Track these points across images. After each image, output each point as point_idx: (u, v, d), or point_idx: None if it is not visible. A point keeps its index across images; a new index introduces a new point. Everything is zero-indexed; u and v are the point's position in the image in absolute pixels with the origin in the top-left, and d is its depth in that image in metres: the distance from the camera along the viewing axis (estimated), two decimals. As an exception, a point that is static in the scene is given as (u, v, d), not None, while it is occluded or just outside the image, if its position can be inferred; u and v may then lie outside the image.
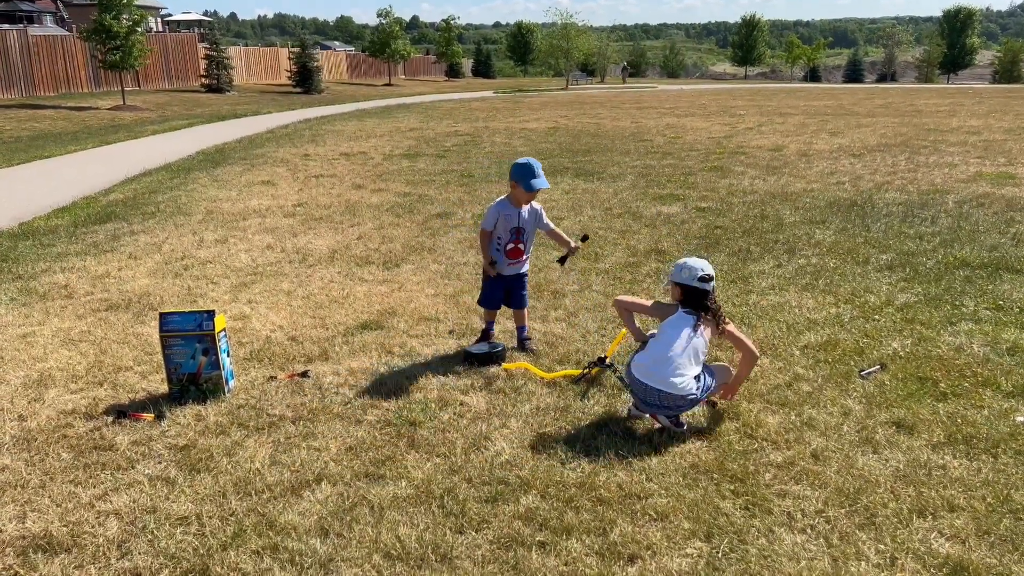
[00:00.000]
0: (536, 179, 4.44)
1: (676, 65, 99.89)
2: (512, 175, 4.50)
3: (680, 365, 3.61)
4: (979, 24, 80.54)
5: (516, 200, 4.54)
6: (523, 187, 4.45)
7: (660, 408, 3.62)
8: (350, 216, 8.70)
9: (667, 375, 3.57)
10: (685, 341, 3.66)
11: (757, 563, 2.71)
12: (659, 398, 3.58)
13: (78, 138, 17.75)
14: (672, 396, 3.57)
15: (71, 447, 3.57)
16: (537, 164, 4.49)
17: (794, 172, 11.54)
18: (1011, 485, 3.16)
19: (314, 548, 2.80)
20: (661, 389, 3.56)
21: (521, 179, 4.45)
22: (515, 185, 4.49)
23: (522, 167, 4.47)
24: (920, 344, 4.68)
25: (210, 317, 4.00)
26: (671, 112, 24.99)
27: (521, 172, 4.46)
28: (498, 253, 4.61)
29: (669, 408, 3.62)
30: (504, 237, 4.57)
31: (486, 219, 4.57)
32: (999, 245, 6.99)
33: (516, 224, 4.56)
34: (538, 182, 4.44)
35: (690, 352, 3.65)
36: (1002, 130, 17.25)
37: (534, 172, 4.44)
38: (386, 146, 15.64)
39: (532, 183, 4.43)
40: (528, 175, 4.44)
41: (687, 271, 3.80)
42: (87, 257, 7.02)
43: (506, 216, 4.53)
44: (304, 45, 39.75)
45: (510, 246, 4.59)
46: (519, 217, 4.55)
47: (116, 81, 27.04)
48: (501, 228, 4.56)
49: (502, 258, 4.61)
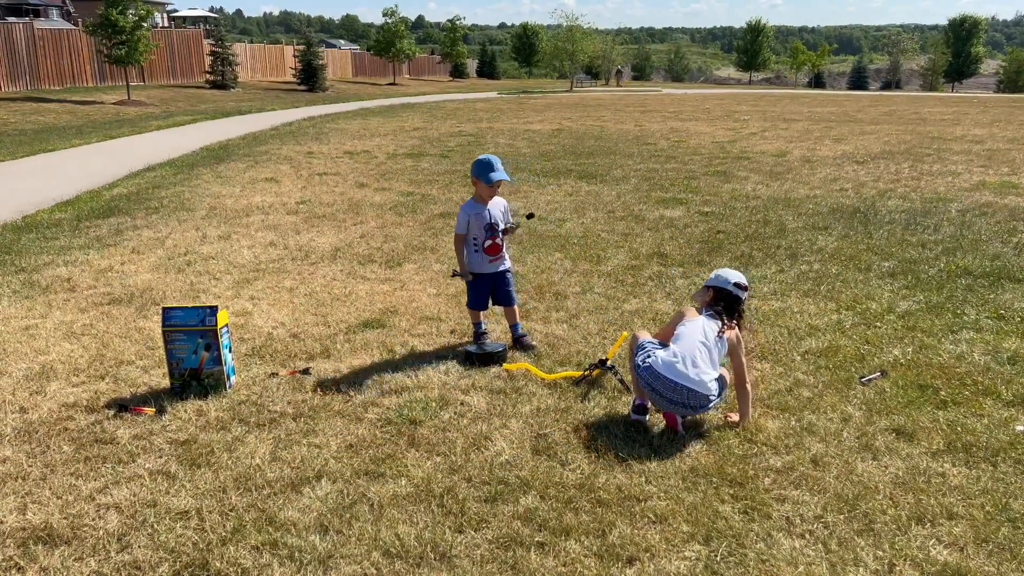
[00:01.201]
0: (494, 172, 4.57)
1: (681, 69, 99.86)
2: (472, 172, 4.64)
3: (708, 364, 3.64)
4: (984, 33, 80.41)
5: (480, 197, 4.66)
6: (483, 181, 4.58)
7: (679, 406, 3.62)
8: (353, 214, 8.71)
9: (693, 372, 3.59)
10: (712, 343, 3.68)
11: (755, 567, 2.71)
12: (685, 395, 3.57)
13: (82, 132, 17.77)
14: (696, 394, 3.58)
15: (72, 440, 3.57)
16: (496, 159, 4.62)
17: (797, 178, 11.54)
18: (1010, 494, 3.16)
19: (313, 545, 2.81)
20: (688, 386, 3.56)
21: (480, 174, 4.58)
22: (476, 181, 4.63)
23: (480, 163, 4.61)
24: (921, 352, 4.68)
25: (212, 313, 4.01)
26: (675, 116, 25.00)
27: (480, 168, 4.59)
28: (476, 253, 4.68)
29: (688, 407, 3.62)
30: (479, 236, 4.65)
31: (458, 224, 4.66)
32: (1001, 254, 7.00)
33: (488, 221, 4.65)
34: (496, 175, 4.57)
35: (715, 354, 3.68)
36: (1006, 139, 17.25)
37: (492, 166, 4.57)
38: (390, 145, 15.65)
39: (491, 176, 4.56)
40: (487, 169, 4.57)
41: (724, 278, 3.85)
42: (90, 251, 7.03)
43: (476, 215, 4.62)
44: (309, 43, 39.82)
45: (488, 243, 4.66)
46: (489, 214, 4.65)
47: (121, 76, 27.09)
48: (475, 228, 4.64)
49: (482, 257, 4.68)
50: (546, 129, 19.65)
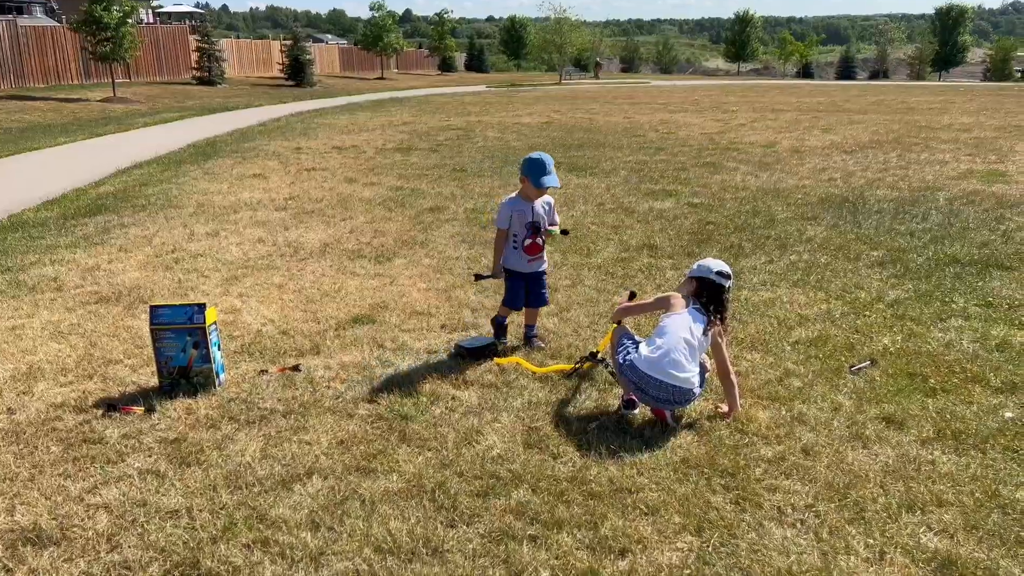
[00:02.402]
0: (547, 176, 4.38)
1: (669, 61, 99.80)
2: (523, 170, 4.45)
3: (689, 360, 3.63)
4: (971, 22, 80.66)
5: (526, 195, 4.49)
6: (532, 183, 4.40)
7: (665, 403, 3.62)
8: (342, 210, 8.68)
9: (677, 370, 3.58)
10: (693, 338, 3.67)
11: (747, 557, 2.72)
12: (671, 393, 3.58)
13: (68, 130, 17.63)
14: (681, 391, 3.58)
15: (60, 440, 3.55)
16: (549, 160, 4.42)
17: (786, 168, 11.56)
18: (999, 480, 3.18)
19: (305, 542, 2.80)
20: (673, 384, 3.57)
21: (531, 174, 4.40)
22: (525, 180, 4.45)
23: (533, 163, 4.41)
24: (910, 340, 4.70)
25: (201, 310, 3.99)
26: (664, 108, 24.99)
27: (531, 167, 4.40)
28: (515, 251, 4.55)
29: (675, 403, 3.63)
30: (520, 233, 4.51)
31: (499, 217, 4.52)
32: (989, 242, 7.03)
33: (530, 219, 4.49)
34: (548, 179, 4.38)
35: (697, 349, 3.67)
36: (993, 128, 17.33)
37: (545, 169, 4.37)
38: (378, 140, 15.59)
39: (542, 180, 4.37)
40: (539, 171, 4.37)
41: (705, 267, 3.83)
42: (77, 249, 6.98)
43: (519, 212, 4.48)
44: (296, 38, 39.57)
45: (527, 242, 4.53)
46: (532, 212, 4.49)
47: (107, 73, 26.84)
48: (516, 224, 4.50)
49: (520, 255, 4.55)
50: (535, 122, 19.61)
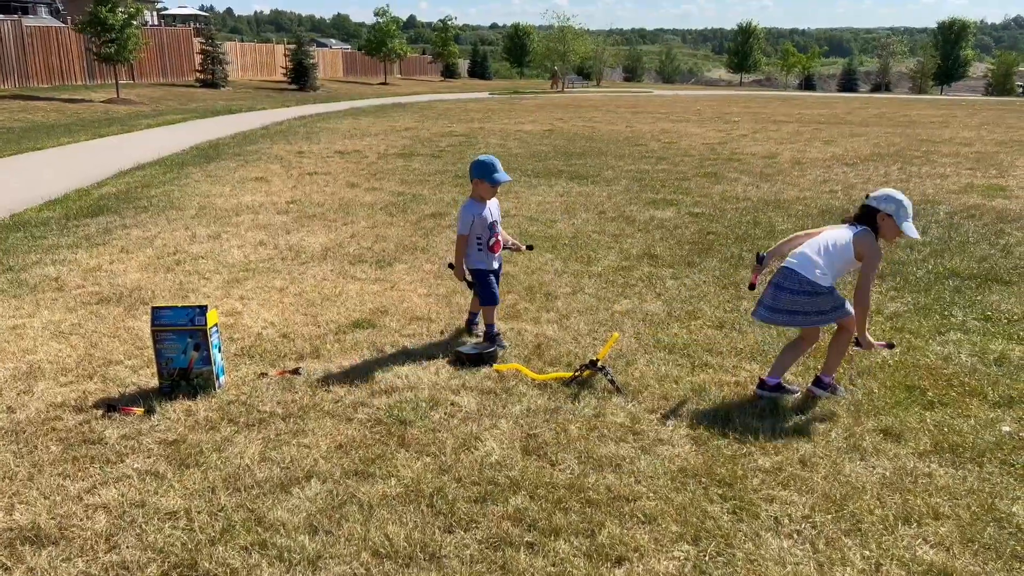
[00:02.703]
0: (498, 173, 4.67)
1: (672, 70, 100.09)
2: (474, 172, 4.69)
3: (819, 256, 3.90)
4: (973, 36, 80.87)
5: (480, 197, 4.72)
6: (488, 182, 4.65)
7: (782, 292, 3.92)
8: (344, 214, 8.70)
9: (802, 256, 3.93)
10: (836, 245, 3.93)
11: (744, 567, 2.73)
12: (784, 276, 3.91)
13: (71, 130, 17.67)
14: (796, 275, 3.88)
15: (60, 440, 3.56)
16: (495, 159, 4.71)
17: (787, 180, 11.59)
18: (996, 494, 3.19)
19: (303, 545, 2.81)
20: (789, 267, 3.90)
21: (484, 175, 4.66)
22: (479, 182, 4.70)
23: (482, 164, 4.68)
24: (909, 353, 4.71)
25: (202, 312, 4.00)
26: (666, 117, 25.05)
27: (482, 169, 4.67)
28: (481, 252, 4.74)
29: (785, 290, 3.90)
30: (484, 235, 4.73)
31: (461, 224, 4.71)
32: (988, 256, 7.05)
33: (491, 219, 4.74)
34: (500, 176, 4.67)
35: (835, 257, 3.92)
36: (994, 142, 17.37)
37: (495, 167, 4.67)
38: (381, 145, 15.63)
39: (495, 177, 4.65)
40: (490, 171, 4.66)
41: (872, 195, 4.03)
42: (78, 250, 6.99)
43: (479, 215, 4.69)
44: (300, 42, 39.74)
45: (492, 240, 4.75)
46: (490, 212, 4.74)
47: (110, 74, 26.92)
48: (478, 228, 4.71)
49: (487, 254, 4.76)
50: (537, 130, 19.66)
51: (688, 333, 5.04)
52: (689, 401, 4.02)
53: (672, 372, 4.39)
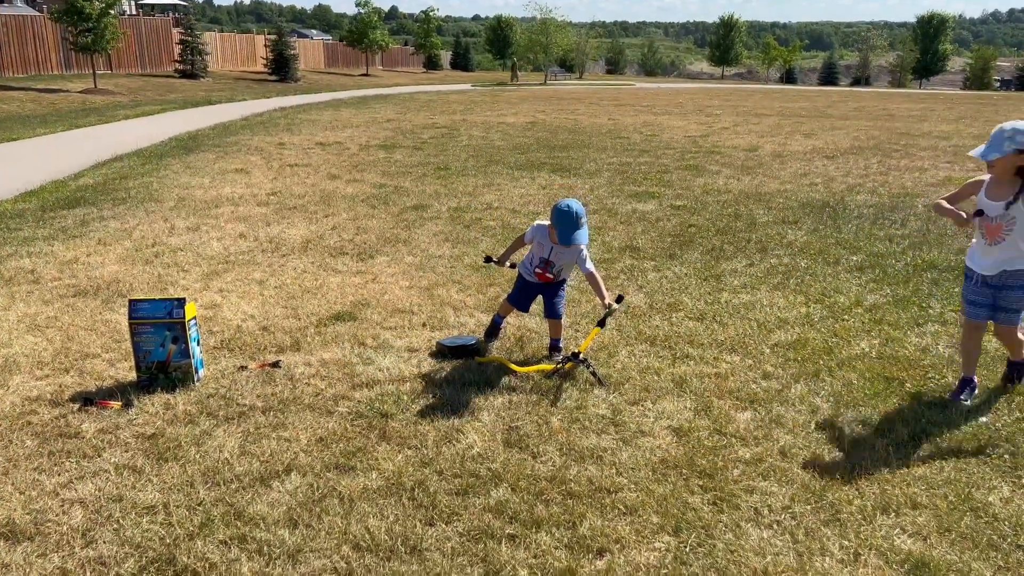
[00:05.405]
0: (575, 233, 4.18)
1: (654, 63, 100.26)
2: (552, 218, 4.27)
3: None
4: (952, 31, 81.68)
5: (551, 238, 4.36)
6: (559, 237, 4.25)
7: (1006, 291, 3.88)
8: (324, 206, 8.64)
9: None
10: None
11: (724, 557, 2.74)
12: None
13: (47, 121, 17.42)
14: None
15: (36, 434, 3.51)
16: (582, 213, 4.20)
17: (768, 172, 11.64)
18: (972, 484, 3.23)
19: (282, 539, 2.79)
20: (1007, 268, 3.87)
21: (557, 226, 4.23)
22: (552, 228, 4.30)
23: (564, 216, 4.18)
24: (887, 344, 4.75)
25: (180, 305, 3.96)
26: (648, 110, 25.08)
27: (561, 220, 4.20)
28: (528, 267, 4.56)
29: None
30: (534, 260, 4.51)
31: (528, 231, 4.51)
32: (966, 248, 7.10)
33: (545, 256, 4.41)
34: (576, 237, 4.18)
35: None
36: (972, 136, 17.53)
37: (576, 225, 4.17)
38: (362, 137, 15.54)
39: (569, 237, 4.20)
40: (569, 227, 4.18)
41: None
42: (55, 242, 6.90)
43: (540, 243, 4.45)
44: (281, 33, 39.40)
45: (538, 270, 4.51)
46: (551, 250, 4.39)
47: (87, 64, 26.57)
48: (535, 249, 4.49)
49: (531, 271, 4.55)
50: (520, 122, 19.62)
51: (669, 325, 5.06)
52: (670, 393, 4.04)
53: (653, 364, 4.40)
